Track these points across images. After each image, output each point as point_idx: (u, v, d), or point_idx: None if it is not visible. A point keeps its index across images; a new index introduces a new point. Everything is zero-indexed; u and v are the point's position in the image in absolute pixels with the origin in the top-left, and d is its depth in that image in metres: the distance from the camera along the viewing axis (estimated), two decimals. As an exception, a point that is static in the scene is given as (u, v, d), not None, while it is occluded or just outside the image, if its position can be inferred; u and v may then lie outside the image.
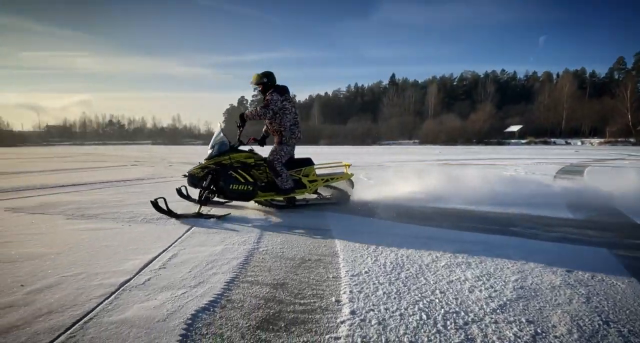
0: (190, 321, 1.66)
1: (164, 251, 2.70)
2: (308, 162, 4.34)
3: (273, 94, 3.99)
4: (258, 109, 4.02)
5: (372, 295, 1.97)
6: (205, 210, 3.97)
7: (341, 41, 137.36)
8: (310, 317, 1.72)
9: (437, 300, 1.90)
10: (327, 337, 1.54)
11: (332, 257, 2.65)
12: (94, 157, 18.45)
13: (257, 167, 4.10)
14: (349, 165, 4.57)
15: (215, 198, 4.28)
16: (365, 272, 2.31)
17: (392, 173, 8.46)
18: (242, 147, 4.25)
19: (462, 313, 1.74)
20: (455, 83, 79.21)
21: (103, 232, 3.26)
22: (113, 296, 1.93)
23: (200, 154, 21.82)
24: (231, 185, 3.87)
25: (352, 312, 1.75)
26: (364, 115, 69.82)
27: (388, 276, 2.24)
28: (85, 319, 1.68)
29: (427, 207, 4.48)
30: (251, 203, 4.46)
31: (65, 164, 12.84)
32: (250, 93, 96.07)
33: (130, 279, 2.16)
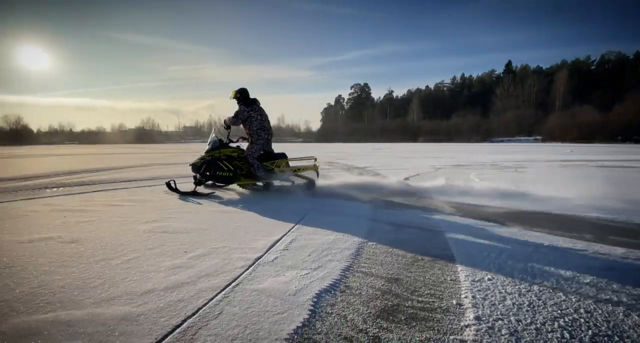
0: (316, 299, 1.84)
1: (284, 235, 3.04)
2: (282, 156, 5.44)
3: (241, 106, 5.21)
4: (231, 118, 5.23)
5: (499, 304, 1.82)
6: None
7: (445, 30, 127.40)
8: (429, 315, 1.71)
9: (582, 320, 1.63)
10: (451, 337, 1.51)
11: (447, 260, 2.53)
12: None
13: (239, 159, 5.26)
14: (315, 159, 5.80)
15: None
16: (489, 279, 2.14)
17: (519, 175, 7.50)
18: (231, 144, 5.45)
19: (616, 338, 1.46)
20: (593, 67, 64.43)
21: (235, 214, 3.85)
22: (251, 268, 2.28)
23: (298, 150, 23.46)
24: (217, 172, 5.13)
25: (477, 318, 1.66)
26: (471, 109, 63.25)
27: (517, 286, 2.03)
28: (233, 284, 2.03)
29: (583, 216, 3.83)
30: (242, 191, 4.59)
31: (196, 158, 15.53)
32: (347, 91, 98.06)
33: (262, 256, 2.52)
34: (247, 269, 2.27)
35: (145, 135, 72.13)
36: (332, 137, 67.26)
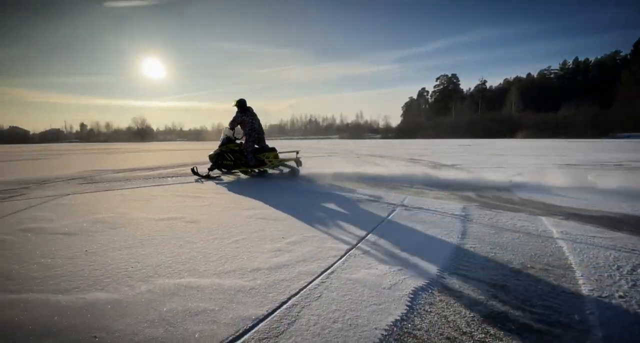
0: (412, 296, 1.82)
1: (373, 230, 3.06)
2: (271, 149, 6.84)
3: (237, 113, 6.71)
4: (230, 121, 6.76)
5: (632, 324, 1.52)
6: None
7: (552, 5, 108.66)
8: (547, 328, 1.53)
9: None
10: (576, 357, 1.33)
11: (564, 270, 2.22)
12: (300, 148, 22.89)
13: (239, 152, 6.75)
14: (298, 152, 7.15)
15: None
16: (621, 297, 1.80)
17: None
18: (237, 141, 6.87)
19: None
20: None
21: (324, 206, 4.02)
22: (343, 258, 2.37)
23: (379, 146, 23.07)
24: (223, 162, 6.79)
25: (607, 339, 1.42)
26: (586, 99, 53.21)
27: (664, 311, 1.67)
28: (329, 271, 2.14)
29: None
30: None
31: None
32: (432, 84, 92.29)
33: (352, 248, 2.58)
34: (340, 259, 2.36)
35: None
36: (414, 133, 64.06)
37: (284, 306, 1.71)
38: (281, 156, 6.98)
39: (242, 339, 1.45)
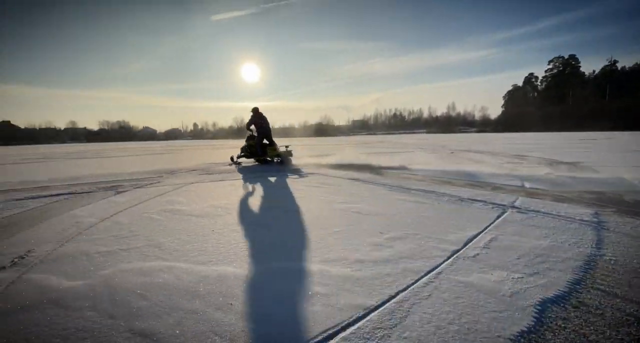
0: (540, 307, 1.62)
1: (481, 232, 2.81)
2: (271, 144, 8.85)
3: (251, 117, 8.81)
4: (246, 123, 9.01)
5: None
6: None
7: None
8: None
9: None
10: None
11: None
12: (385, 144, 22.39)
13: (254, 146, 9.00)
14: (287, 146, 8.92)
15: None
16: None
17: None
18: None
19: None
20: None
21: (418, 204, 3.87)
22: (450, 260, 2.24)
23: (475, 140, 20.90)
24: (244, 153, 9.29)
25: None
26: None
27: None
28: (436, 271, 2.06)
29: None
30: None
31: (368, 149, 16.48)
32: (542, 68, 79.34)
33: (460, 250, 2.42)
34: (446, 260, 2.25)
35: (321, 130, 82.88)
36: (518, 126, 55.95)
37: (393, 300, 1.72)
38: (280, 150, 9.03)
39: (357, 325, 1.51)
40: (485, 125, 69.35)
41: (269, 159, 9.07)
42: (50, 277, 2.12)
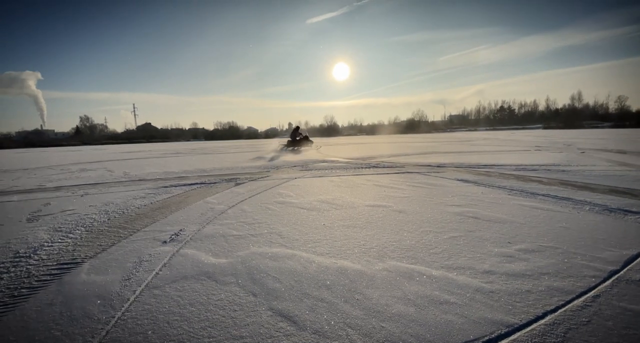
0: None
1: (648, 253, 2.25)
2: (307, 138, 17.81)
3: (293, 131, 17.96)
4: (290, 134, 18.25)
5: None
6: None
7: None
8: None
9: None
10: None
11: None
12: (491, 142, 20.00)
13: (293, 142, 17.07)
14: (312, 142, 18.14)
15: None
16: None
17: None
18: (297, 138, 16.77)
19: None
20: None
21: (552, 212, 3.32)
22: (609, 282, 1.85)
23: (611, 138, 16.88)
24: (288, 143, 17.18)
25: None
26: None
27: None
28: (592, 294, 1.72)
29: None
30: None
31: (472, 147, 14.99)
32: None
33: (619, 271, 1.98)
34: (603, 281, 1.86)
35: (414, 126, 79.15)
36: (677, 120, 43.23)
37: (542, 321, 1.50)
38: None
39: (502, 343, 1.37)
40: (624, 118, 55.53)
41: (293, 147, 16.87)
42: (200, 253, 2.53)
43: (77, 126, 75.91)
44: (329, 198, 4.31)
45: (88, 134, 70.14)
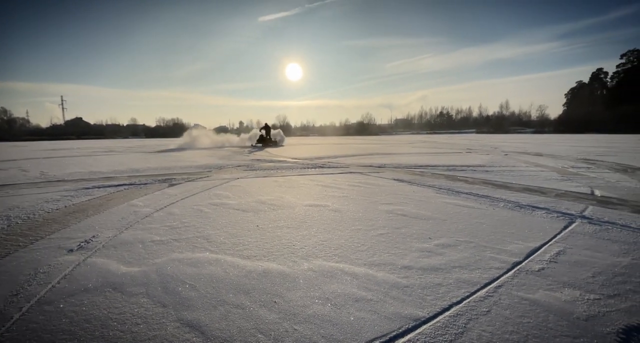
0: (624, 336, 1.39)
1: (545, 244, 2.52)
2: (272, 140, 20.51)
3: (264, 127, 20.77)
4: (260, 129, 21.38)
5: None
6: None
7: None
8: None
9: None
10: None
11: None
12: (430, 144, 21.42)
13: (262, 139, 20.11)
14: (277, 141, 20.99)
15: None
16: None
17: None
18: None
19: None
20: None
21: (471, 209, 3.60)
22: (510, 273, 2.03)
23: (532, 142, 19.18)
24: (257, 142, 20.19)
25: None
26: None
27: None
28: (495, 285, 1.87)
29: None
30: None
31: (413, 149, 15.90)
32: (613, 63, 70.59)
33: (521, 262, 2.19)
34: (506, 272, 2.04)
35: (363, 128, 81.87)
36: (583, 127, 50.31)
37: (447, 313, 1.58)
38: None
39: (407, 337, 1.40)
40: (543, 125, 63.42)
41: (260, 144, 19.29)
42: (110, 262, 2.27)
43: (-11, 119, 65.56)
44: (269, 199, 4.21)
45: (5, 129, 60.94)
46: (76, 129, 65.34)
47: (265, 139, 19.81)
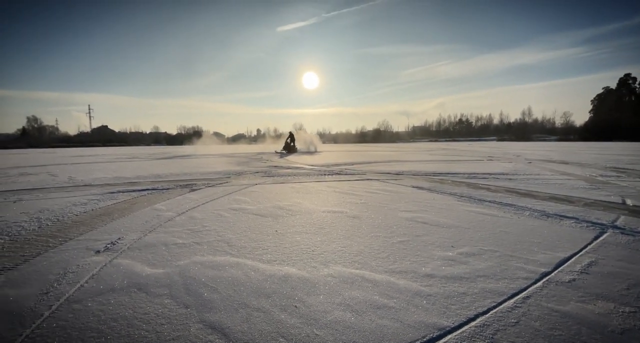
0: (669, 355, 1.30)
1: (575, 254, 2.41)
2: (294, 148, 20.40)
3: (290, 136, 20.62)
4: (287, 138, 20.82)
5: None
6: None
7: None
8: None
9: None
10: None
11: None
12: (449, 152, 21.04)
13: (287, 147, 20.15)
14: (297, 149, 20.89)
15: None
16: None
17: None
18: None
19: None
20: None
21: (495, 218, 3.49)
22: (539, 283, 1.94)
23: (557, 150, 18.48)
24: (284, 149, 20.12)
25: None
26: None
27: None
28: (522, 296, 1.80)
29: None
30: None
31: (431, 157, 15.65)
32: (643, 69, 67.34)
33: (550, 273, 2.10)
34: (535, 283, 1.95)
35: (379, 136, 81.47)
36: (610, 134, 48.22)
37: (473, 323, 1.53)
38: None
39: (432, 347, 1.36)
40: (568, 132, 61.23)
41: (285, 151, 19.60)
42: (135, 263, 2.34)
43: (23, 127, 69.52)
44: (286, 205, 4.23)
45: (36, 136, 64.45)
46: (102, 137, 68.29)
47: (290, 147, 20.03)
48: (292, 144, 20.33)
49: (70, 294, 1.91)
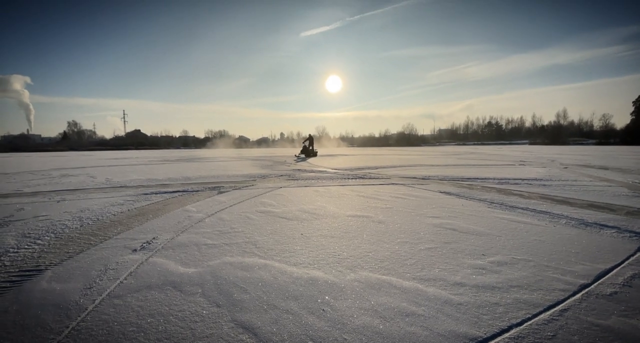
0: None
1: (616, 266, 2.27)
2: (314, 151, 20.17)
3: (309, 138, 20.83)
4: (305, 141, 21.19)
5: None
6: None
7: None
8: None
9: None
10: None
11: None
12: (478, 156, 20.35)
13: (305, 151, 20.05)
14: (317, 152, 20.58)
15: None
16: None
17: None
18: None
19: None
20: None
21: (528, 226, 3.35)
22: (578, 296, 1.85)
23: (594, 154, 17.36)
24: (302, 154, 20.11)
25: None
26: None
27: None
28: (560, 308, 1.72)
29: None
30: None
31: (459, 161, 15.20)
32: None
33: (589, 285, 1.99)
34: (573, 295, 1.86)
35: (403, 139, 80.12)
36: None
37: (506, 334, 1.48)
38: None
39: (463, 357, 1.34)
40: (608, 136, 57.43)
41: (303, 155, 19.33)
42: (169, 262, 2.46)
43: (64, 131, 74.70)
44: (311, 208, 4.28)
45: (75, 140, 69.01)
46: (135, 140, 71.95)
47: (309, 150, 19.34)
48: (310, 147, 19.52)
49: (111, 290, 2.03)
